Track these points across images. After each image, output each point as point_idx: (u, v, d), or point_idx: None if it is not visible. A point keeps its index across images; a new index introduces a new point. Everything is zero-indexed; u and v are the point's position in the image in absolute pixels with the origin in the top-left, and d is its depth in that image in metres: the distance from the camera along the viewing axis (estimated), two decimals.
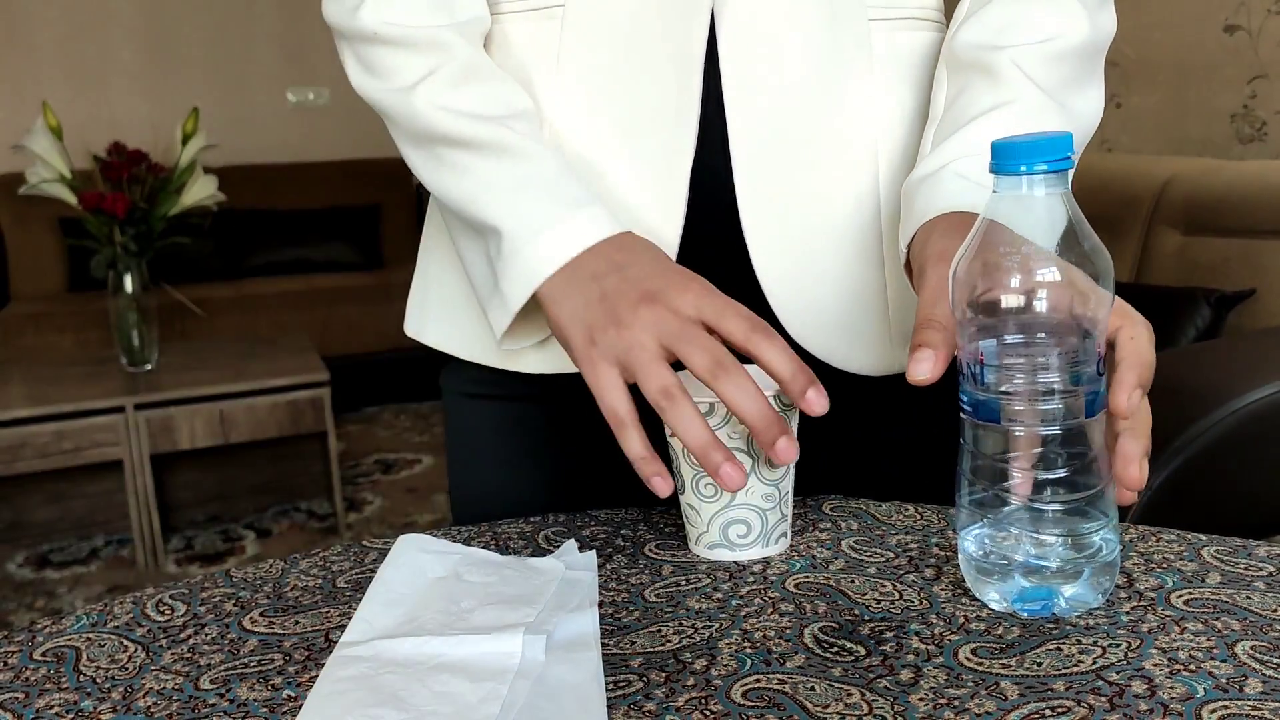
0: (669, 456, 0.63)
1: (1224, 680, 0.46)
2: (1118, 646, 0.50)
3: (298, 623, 0.58)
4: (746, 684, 0.49)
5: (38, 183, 2.73)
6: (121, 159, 2.86)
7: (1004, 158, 0.52)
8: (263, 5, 4.58)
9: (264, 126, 4.65)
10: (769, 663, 0.50)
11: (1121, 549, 0.57)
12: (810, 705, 0.46)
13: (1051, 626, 0.52)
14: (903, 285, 0.72)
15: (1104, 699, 0.45)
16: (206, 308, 3.80)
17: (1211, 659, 0.48)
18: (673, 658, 0.52)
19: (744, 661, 0.51)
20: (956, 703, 0.46)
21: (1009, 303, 0.51)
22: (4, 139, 4.04)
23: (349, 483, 3.28)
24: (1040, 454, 0.52)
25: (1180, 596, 0.54)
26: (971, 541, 0.55)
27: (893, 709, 0.46)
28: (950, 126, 0.67)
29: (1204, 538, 0.62)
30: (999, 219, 0.52)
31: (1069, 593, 0.53)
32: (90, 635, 0.58)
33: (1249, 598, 0.54)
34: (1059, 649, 0.50)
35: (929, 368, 0.54)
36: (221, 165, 3.86)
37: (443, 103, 0.67)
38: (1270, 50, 2.51)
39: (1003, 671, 0.48)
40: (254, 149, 4.58)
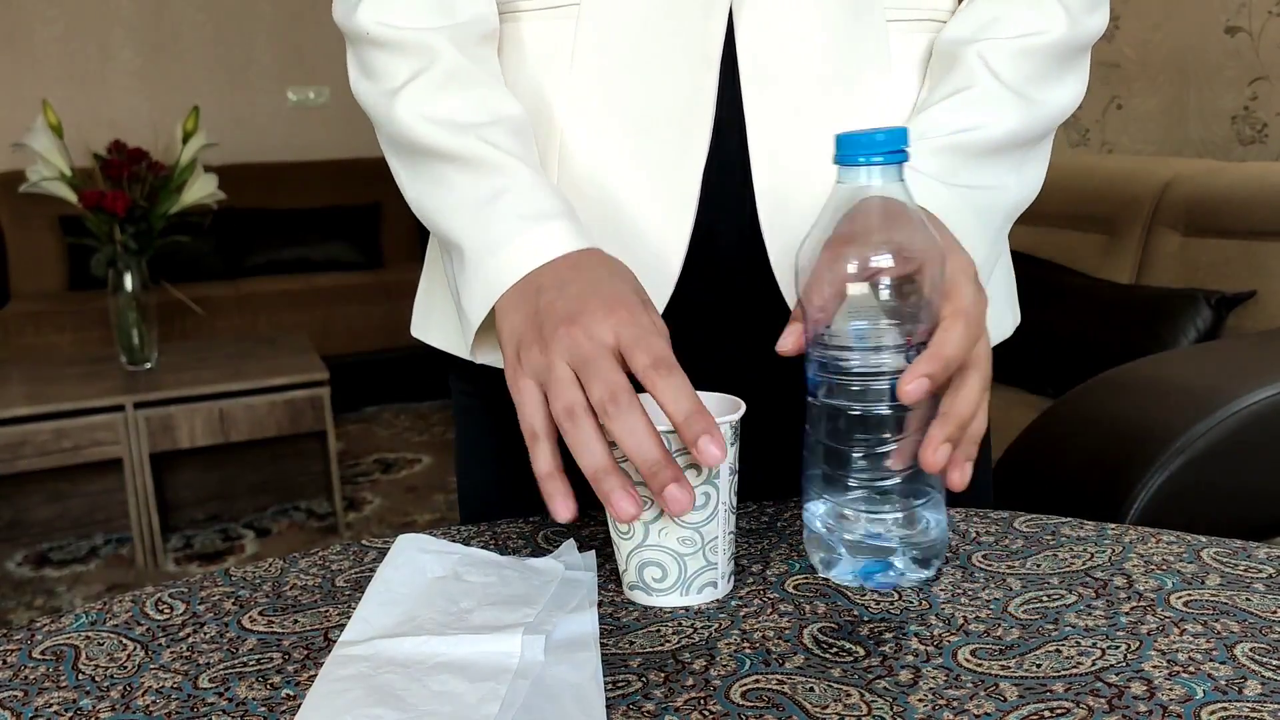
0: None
1: (1223, 682, 0.46)
2: (1117, 648, 0.50)
3: (297, 622, 0.58)
4: (745, 684, 0.49)
5: (38, 181, 2.73)
6: (122, 157, 2.85)
7: (844, 149, 0.55)
8: (263, 4, 4.58)
9: (264, 125, 4.65)
10: (768, 663, 0.50)
11: (948, 525, 0.60)
12: (809, 706, 0.46)
13: (1051, 628, 0.52)
14: None
15: (1103, 700, 0.45)
16: (206, 307, 3.80)
17: (1211, 661, 0.48)
18: (672, 658, 0.52)
19: (743, 662, 0.51)
20: (955, 704, 0.46)
21: (843, 288, 0.55)
22: (4, 137, 4.04)
23: (348, 482, 3.28)
24: (869, 435, 0.56)
25: (1180, 598, 0.54)
26: (817, 520, 0.59)
27: (892, 710, 0.46)
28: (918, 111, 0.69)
29: (1203, 539, 0.62)
30: (840, 207, 0.55)
31: (902, 566, 0.57)
32: (89, 634, 0.58)
33: (1248, 599, 0.54)
34: (1058, 650, 0.50)
35: (790, 341, 0.58)
36: (222, 164, 3.87)
37: (422, 110, 0.67)
38: (1271, 52, 2.51)
39: (1002, 673, 0.48)
40: (254, 148, 4.58)
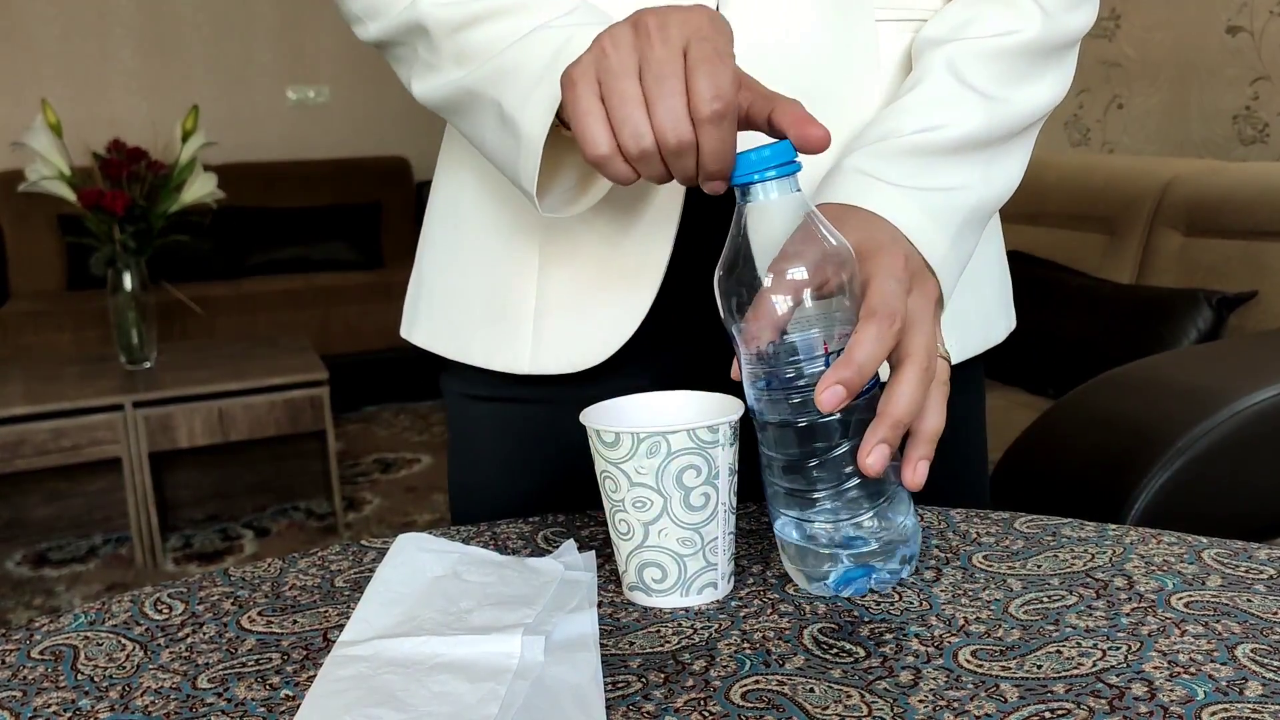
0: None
1: (1224, 683, 0.46)
2: (1118, 649, 0.49)
3: (296, 622, 0.58)
4: (745, 685, 0.48)
5: (37, 180, 2.73)
6: (121, 156, 2.85)
7: (737, 170, 0.55)
8: (263, 3, 4.58)
9: (264, 124, 4.65)
10: (768, 664, 0.50)
11: (918, 522, 0.60)
12: (809, 707, 0.46)
13: (1052, 629, 0.52)
14: None
15: (1104, 701, 0.45)
16: (206, 306, 3.80)
17: (1212, 662, 0.48)
18: (671, 658, 0.52)
19: (743, 662, 0.51)
20: (956, 705, 0.46)
21: (763, 315, 0.55)
22: (3, 136, 4.04)
23: (348, 482, 3.28)
24: (819, 443, 0.56)
25: (1181, 599, 0.54)
26: (797, 534, 0.58)
27: (892, 711, 0.45)
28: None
29: (1204, 540, 0.62)
30: (751, 225, 0.55)
31: (881, 568, 0.57)
32: (88, 634, 0.58)
33: (1249, 600, 0.54)
34: (1059, 651, 0.50)
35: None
36: (221, 163, 3.86)
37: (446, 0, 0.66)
38: (1272, 52, 2.51)
39: (1002, 673, 0.48)
40: (254, 147, 4.57)
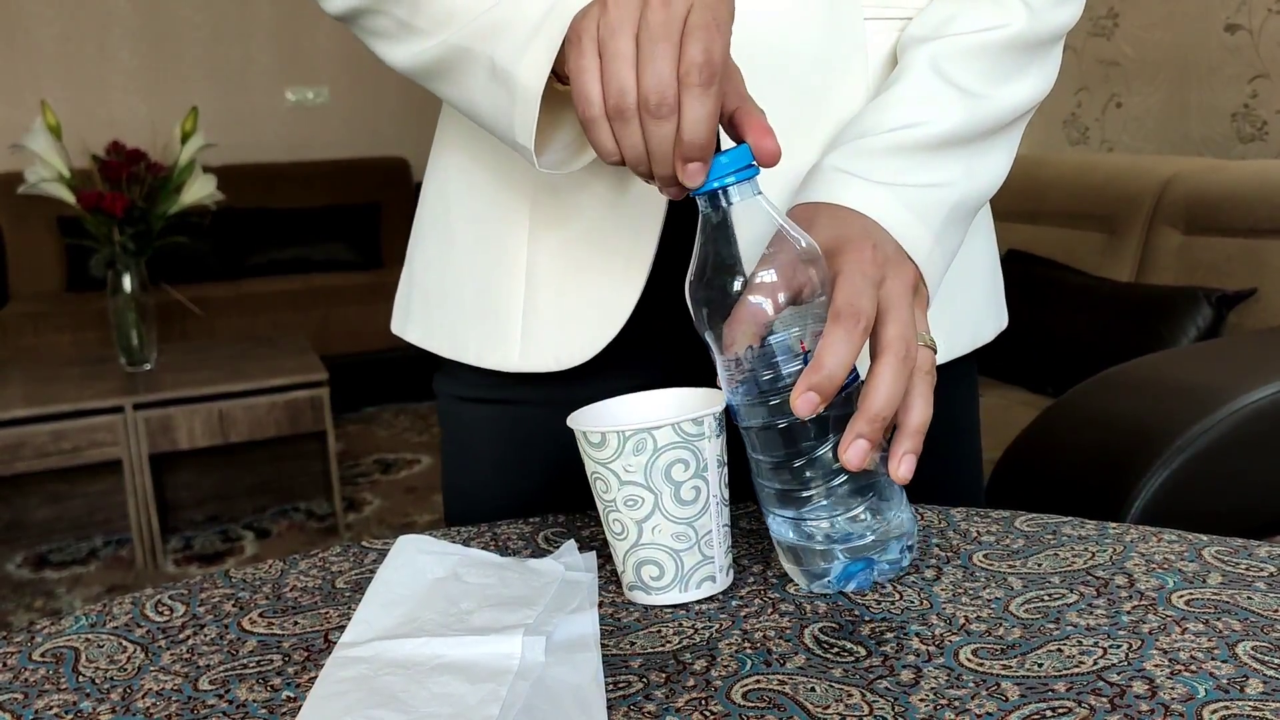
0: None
1: (1225, 681, 0.46)
2: (1118, 647, 0.49)
3: (297, 623, 0.58)
4: (746, 685, 0.48)
5: (36, 182, 2.73)
6: (120, 158, 2.85)
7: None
8: (262, 4, 4.58)
9: (263, 125, 4.65)
10: (769, 663, 0.50)
11: (912, 513, 0.60)
12: (810, 706, 0.46)
13: (1052, 627, 0.52)
14: None
15: (1105, 700, 0.45)
16: (205, 307, 3.80)
17: (1212, 659, 0.48)
18: (673, 658, 0.52)
19: (744, 662, 0.51)
20: (957, 703, 0.46)
21: (736, 324, 0.55)
22: (3, 138, 4.04)
23: (348, 483, 3.28)
24: (804, 442, 0.56)
25: (1181, 597, 0.54)
26: (789, 530, 0.58)
27: (893, 710, 0.45)
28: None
29: (1205, 538, 0.62)
30: (715, 231, 0.55)
31: (880, 559, 0.57)
32: (89, 636, 0.58)
33: (1250, 598, 0.54)
34: (1060, 650, 0.50)
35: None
36: (220, 164, 3.86)
37: None
38: (1271, 50, 2.51)
39: (1003, 672, 0.48)
40: (253, 148, 4.57)
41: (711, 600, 0.58)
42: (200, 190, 2.85)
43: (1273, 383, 1.48)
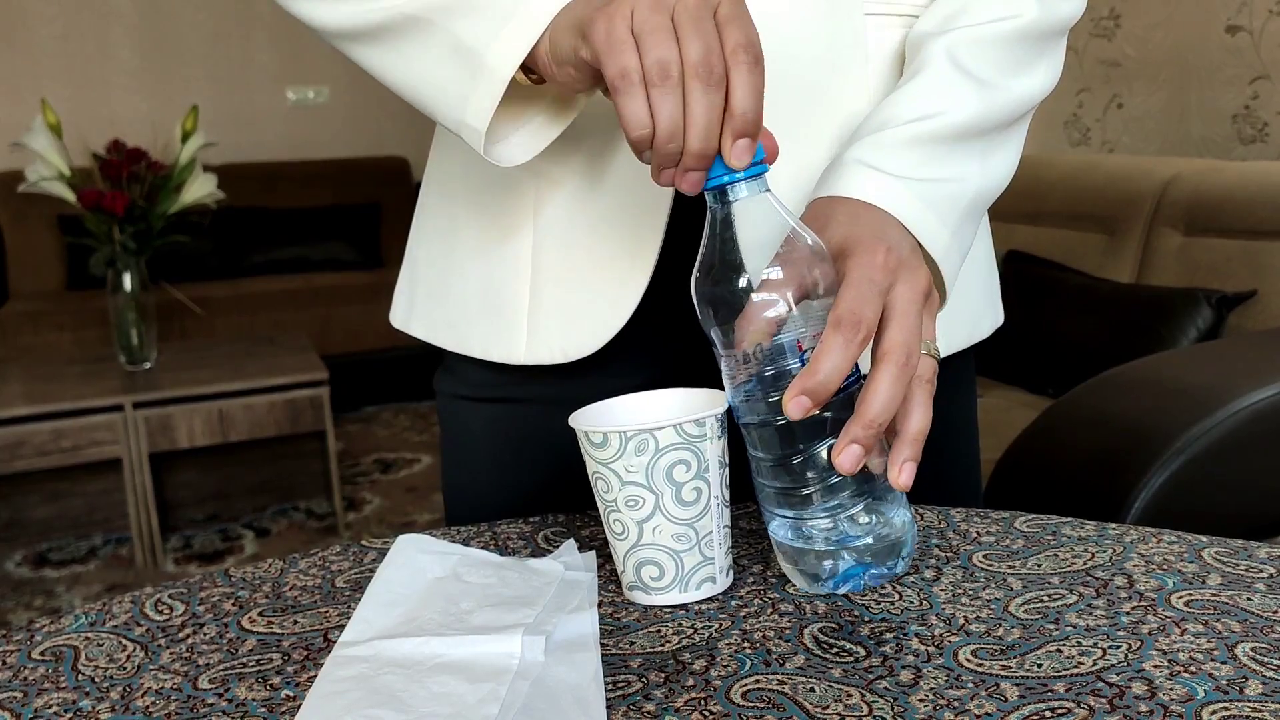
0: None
1: (1224, 682, 0.46)
2: (1118, 648, 0.49)
3: (296, 622, 0.58)
4: (746, 685, 0.48)
5: (37, 180, 2.73)
6: (121, 157, 2.85)
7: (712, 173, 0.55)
8: (262, 3, 4.58)
9: (263, 125, 4.65)
10: (768, 663, 0.50)
11: (911, 517, 0.60)
12: (810, 706, 0.46)
13: (1052, 628, 0.52)
14: None
15: (1104, 700, 0.45)
16: (205, 306, 3.80)
17: (1212, 660, 0.48)
18: (672, 658, 0.52)
19: (743, 662, 0.51)
20: (956, 704, 0.46)
21: (744, 324, 0.55)
22: (3, 136, 4.04)
23: (348, 482, 3.28)
24: (803, 441, 0.55)
25: (1181, 598, 0.54)
26: (788, 531, 0.58)
27: (893, 710, 0.45)
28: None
29: (1204, 539, 0.62)
30: (723, 228, 0.55)
31: (876, 564, 0.57)
32: (89, 634, 0.58)
33: (1249, 599, 0.54)
34: (1059, 650, 0.50)
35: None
36: (221, 163, 3.86)
37: None
38: (1272, 51, 2.51)
39: (1003, 673, 0.48)
40: (253, 147, 4.57)
41: (711, 600, 0.58)
42: (200, 189, 2.85)
43: (1273, 384, 1.48)
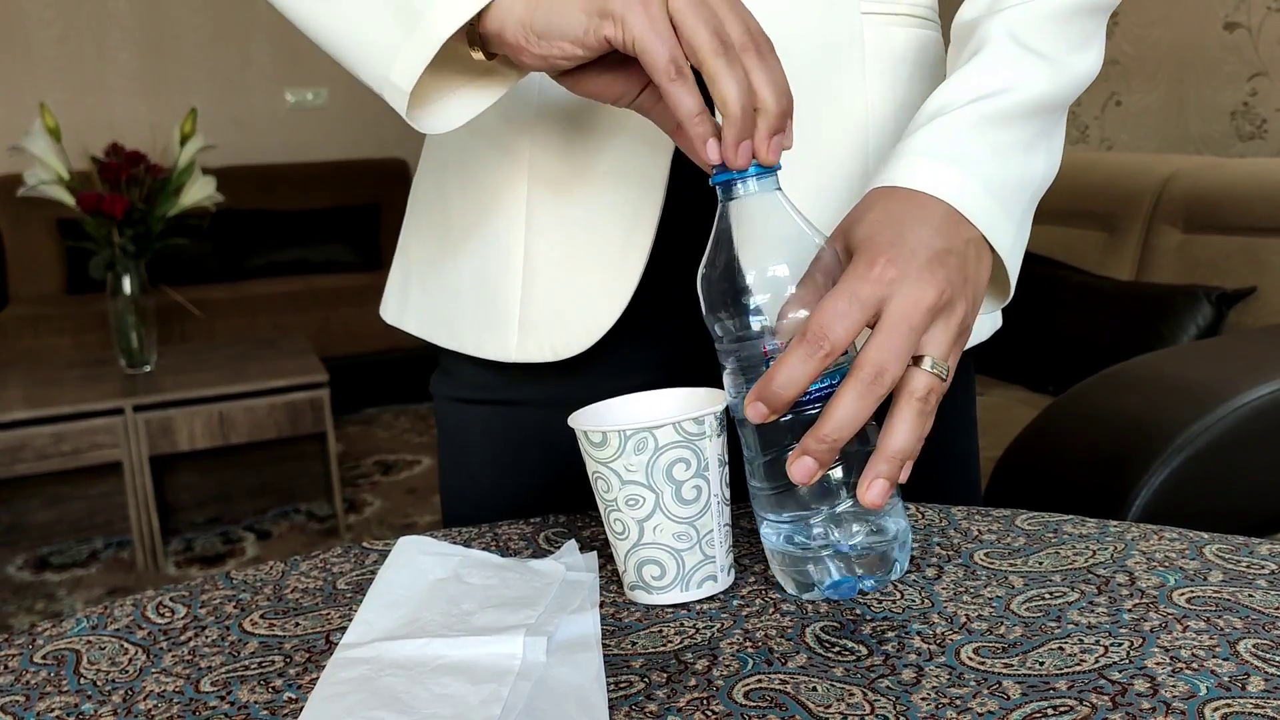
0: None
1: (1226, 678, 0.46)
2: (1120, 645, 0.49)
3: (298, 625, 0.58)
4: (748, 684, 0.48)
5: (36, 184, 2.73)
6: (119, 160, 2.85)
7: (719, 168, 0.55)
8: (260, 5, 4.56)
9: (262, 127, 4.65)
10: (770, 663, 0.50)
11: (908, 524, 0.59)
12: (812, 705, 0.46)
13: (1053, 625, 0.52)
14: None
15: (1106, 698, 0.45)
16: (205, 309, 3.80)
17: (1214, 657, 0.48)
18: (674, 658, 0.52)
19: (745, 661, 0.51)
20: (959, 702, 0.46)
21: (756, 305, 0.54)
22: (2, 140, 4.04)
23: (349, 484, 3.28)
24: (795, 441, 0.54)
25: (1182, 595, 0.54)
26: (779, 537, 0.57)
27: (895, 709, 0.45)
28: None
29: (1206, 536, 0.62)
30: (733, 223, 0.55)
31: (867, 574, 0.56)
32: (90, 638, 0.58)
33: (1251, 595, 0.54)
34: (1061, 648, 0.50)
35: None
36: (220, 166, 3.86)
37: None
38: (1270, 48, 2.51)
39: (1005, 671, 0.48)
40: (252, 149, 4.57)
41: (713, 600, 0.58)
42: (200, 192, 2.85)
43: (1273, 381, 1.48)
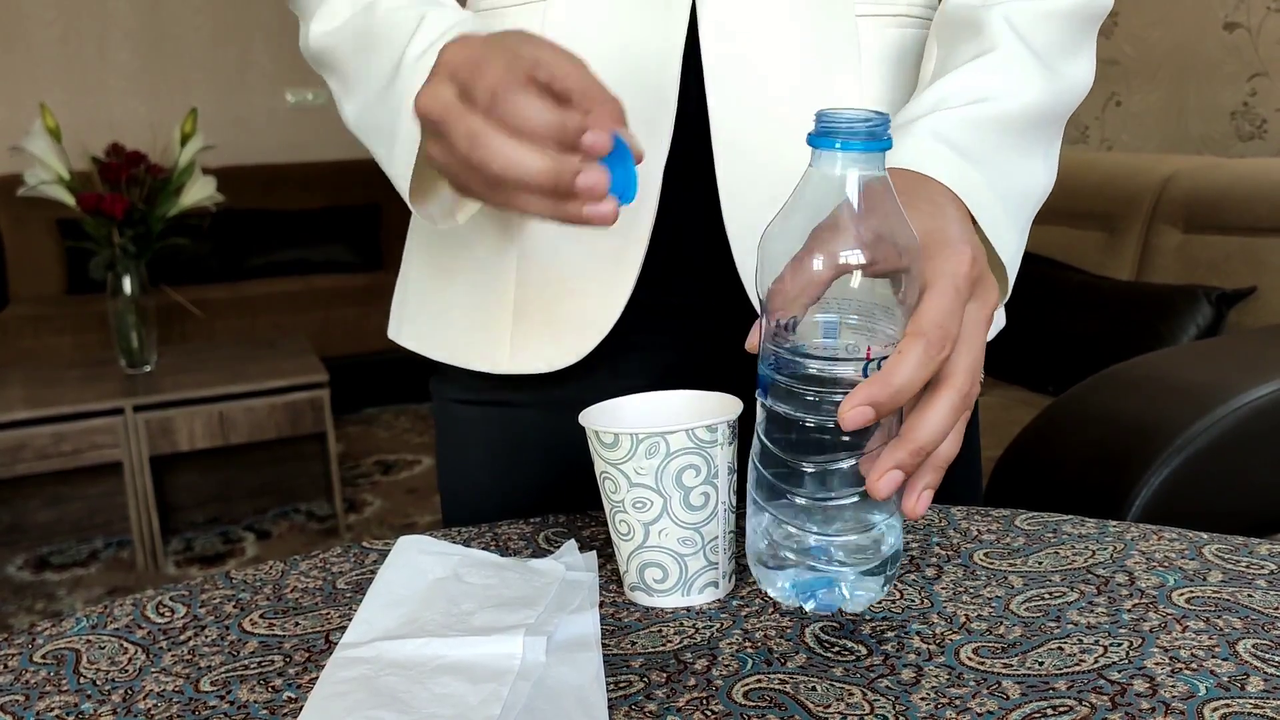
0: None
1: (1225, 678, 0.46)
2: (1119, 645, 0.49)
3: (298, 624, 0.58)
4: (748, 684, 0.48)
5: (36, 184, 2.73)
6: (120, 160, 2.85)
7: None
8: (261, 6, 4.58)
9: (262, 127, 4.65)
10: (770, 662, 0.50)
11: (902, 541, 0.56)
12: (812, 705, 0.46)
13: (1053, 625, 0.52)
14: None
15: (1106, 698, 0.45)
16: (205, 309, 3.80)
17: (1213, 657, 0.48)
18: (674, 658, 0.52)
19: (745, 661, 0.51)
20: (958, 702, 0.46)
21: (806, 282, 0.49)
22: (2, 140, 4.04)
23: (348, 484, 3.28)
24: (822, 452, 0.52)
25: (1182, 595, 0.54)
26: (758, 532, 0.55)
27: (894, 708, 0.45)
28: (934, 79, 0.65)
29: (1205, 536, 0.62)
30: (814, 191, 0.50)
31: (853, 583, 0.54)
32: (90, 637, 0.58)
33: (1250, 596, 0.54)
34: (1060, 648, 0.50)
35: (753, 338, 0.54)
36: (220, 166, 3.86)
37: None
38: (1270, 48, 2.51)
39: (1004, 671, 0.48)
40: (252, 150, 4.57)
41: (712, 600, 0.58)
42: (200, 192, 2.85)
43: (1273, 381, 1.48)
